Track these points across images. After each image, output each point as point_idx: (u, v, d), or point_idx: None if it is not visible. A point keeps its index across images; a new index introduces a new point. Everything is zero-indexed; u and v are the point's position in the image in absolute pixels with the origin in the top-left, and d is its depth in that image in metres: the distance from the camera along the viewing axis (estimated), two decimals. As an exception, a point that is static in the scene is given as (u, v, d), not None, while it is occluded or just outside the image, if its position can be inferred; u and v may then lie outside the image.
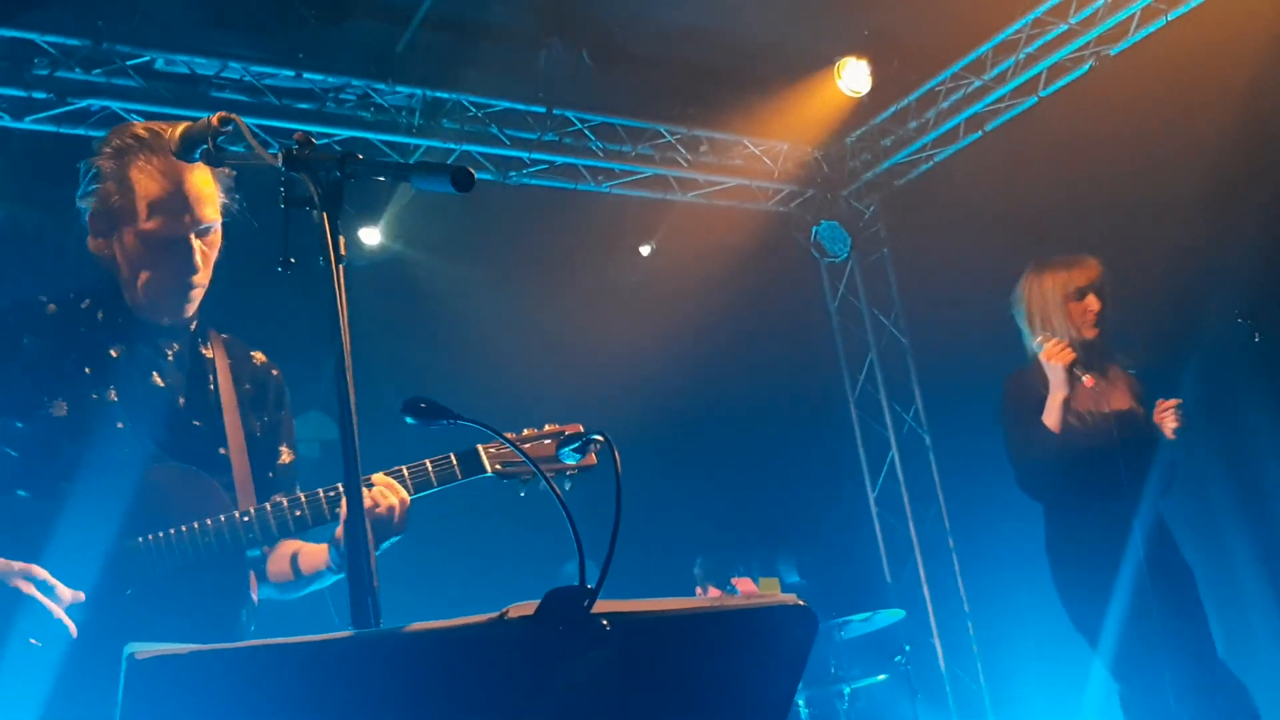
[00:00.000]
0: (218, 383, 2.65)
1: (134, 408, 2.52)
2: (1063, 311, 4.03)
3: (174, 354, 2.63)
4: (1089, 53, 7.32)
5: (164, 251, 2.50)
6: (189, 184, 2.49)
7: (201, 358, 2.68)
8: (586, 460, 2.61)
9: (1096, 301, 4.04)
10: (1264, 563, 6.43)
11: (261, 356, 2.80)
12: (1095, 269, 4.09)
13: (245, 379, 2.72)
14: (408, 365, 6.93)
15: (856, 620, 6.71)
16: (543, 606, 1.33)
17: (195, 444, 2.57)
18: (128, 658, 1.20)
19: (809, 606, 1.48)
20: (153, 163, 2.48)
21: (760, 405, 8.15)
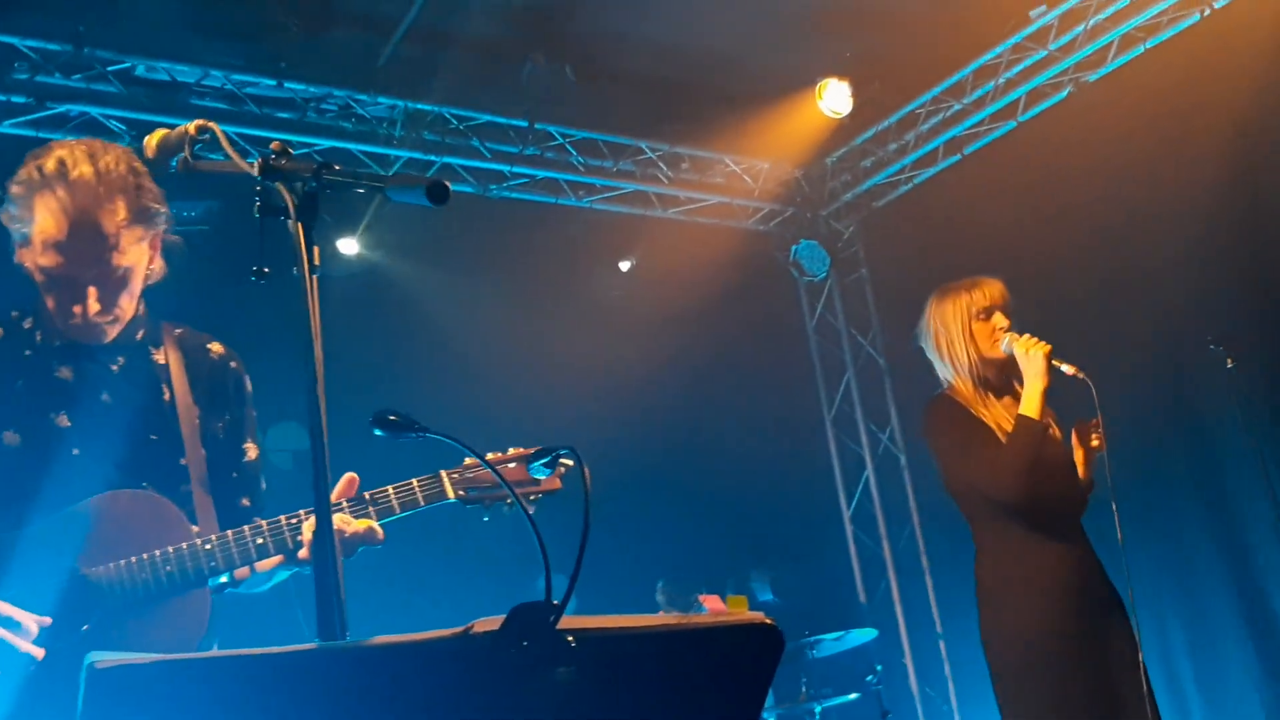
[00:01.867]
0: (173, 390, 2.59)
1: (87, 431, 2.47)
2: (968, 333, 3.96)
3: (121, 368, 2.57)
4: (1067, 79, 7.39)
5: (57, 288, 2.44)
6: (90, 225, 2.37)
7: (153, 366, 2.62)
8: (550, 483, 2.61)
9: (1004, 319, 3.98)
10: (1236, 590, 6.46)
11: (219, 347, 2.73)
12: (997, 287, 4.05)
13: (202, 377, 2.66)
14: (383, 377, 6.90)
15: (828, 639, 6.71)
16: (508, 622, 1.32)
17: (154, 459, 2.52)
18: (88, 666, 1.19)
19: (775, 625, 1.47)
20: (55, 199, 2.37)
21: (737, 423, 8.16)
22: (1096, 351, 6.79)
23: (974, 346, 3.97)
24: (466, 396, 6.88)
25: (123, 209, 2.42)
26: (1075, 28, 7.07)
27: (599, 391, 7.24)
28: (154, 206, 2.49)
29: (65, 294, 2.44)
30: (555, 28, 6.83)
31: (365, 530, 2.49)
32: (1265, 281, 6.35)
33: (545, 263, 8.17)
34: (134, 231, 2.45)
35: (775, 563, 8.36)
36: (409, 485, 2.59)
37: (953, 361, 4.01)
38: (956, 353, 3.99)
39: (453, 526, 2.97)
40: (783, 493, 8.28)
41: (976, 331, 3.97)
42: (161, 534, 2.41)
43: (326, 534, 1.74)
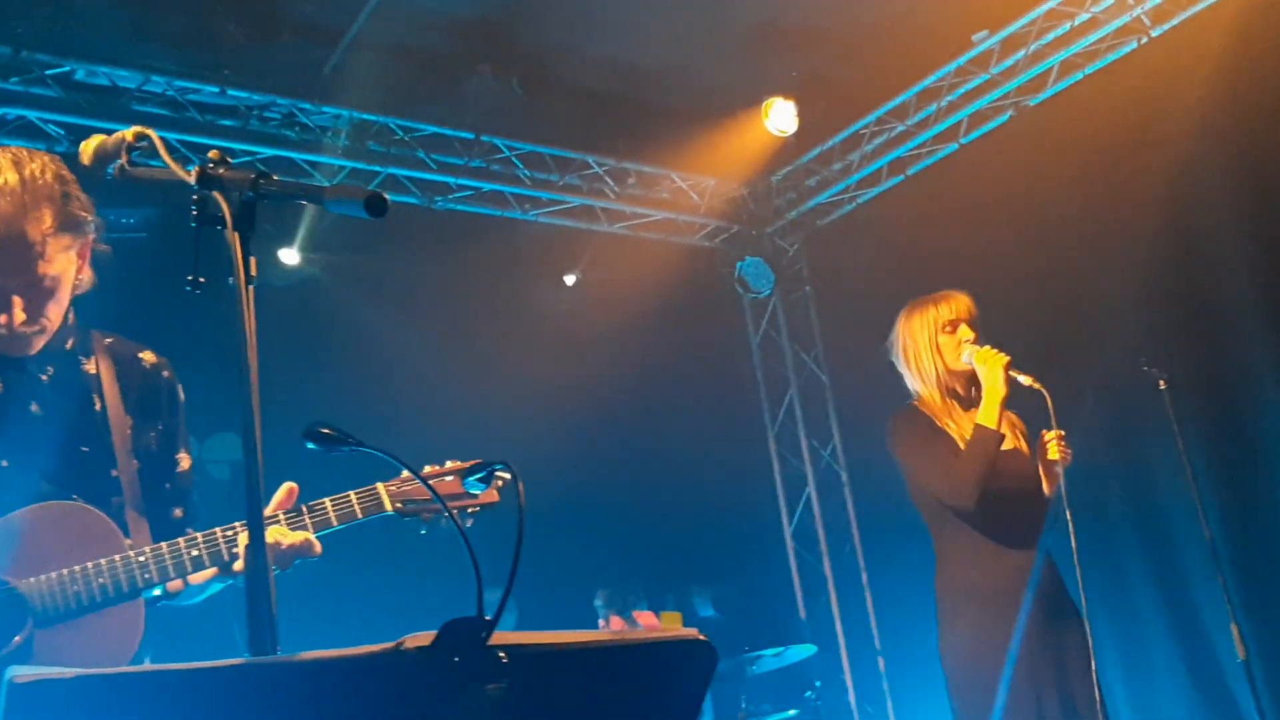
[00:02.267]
0: (104, 400, 2.54)
1: (15, 443, 2.42)
2: (933, 346, 4.03)
3: (51, 378, 2.51)
4: (1009, 103, 7.51)
5: None
6: (14, 234, 2.32)
7: (83, 376, 2.56)
8: (489, 496, 2.60)
9: (969, 331, 4.04)
10: (1168, 607, 6.57)
11: (151, 356, 2.68)
12: (963, 301, 4.12)
13: (134, 386, 2.61)
14: (323, 389, 6.83)
15: (768, 655, 6.72)
16: (440, 637, 1.31)
17: (85, 471, 2.47)
18: (7, 682, 1.16)
19: (709, 641, 1.48)
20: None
21: (680, 438, 8.18)
22: (1033, 370, 6.92)
23: (940, 358, 4.04)
24: (408, 409, 6.83)
25: (49, 217, 2.37)
26: (1016, 52, 7.19)
27: (542, 405, 7.23)
28: (82, 215, 2.44)
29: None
30: (503, 40, 6.83)
31: (301, 543, 2.47)
32: (1198, 304, 6.48)
33: (490, 276, 8.14)
34: (61, 240, 2.40)
35: (716, 578, 8.38)
36: (346, 498, 2.56)
37: (920, 373, 4.09)
38: (923, 365, 4.06)
39: (390, 540, 2.94)
40: (725, 509, 8.30)
41: (942, 344, 4.04)
42: (93, 546, 2.37)
43: (259, 546, 1.72)
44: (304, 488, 2.59)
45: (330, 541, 2.58)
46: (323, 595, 4.20)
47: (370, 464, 3.82)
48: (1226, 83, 6.26)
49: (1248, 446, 6.22)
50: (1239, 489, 6.19)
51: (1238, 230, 6.32)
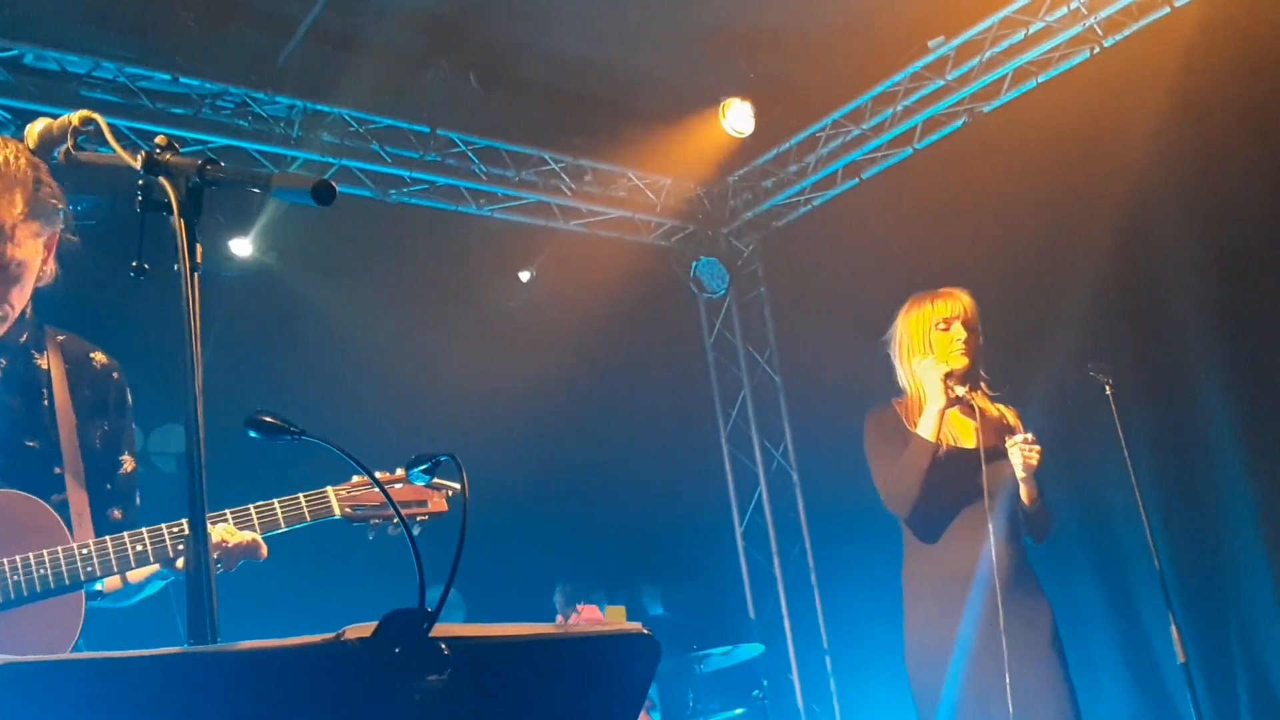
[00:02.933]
0: (53, 396, 2.52)
1: None
2: (927, 342, 4.03)
3: (2, 370, 2.50)
4: (963, 109, 7.58)
5: None
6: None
7: (35, 370, 2.54)
8: (437, 505, 2.62)
9: (963, 330, 4.04)
10: (1113, 614, 6.66)
11: (102, 357, 2.66)
12: (961, 299, 4.13)
13: (84, 385, 2.59)
14: (272, 381, 6.77)
15: (716, 654, 6.75)
16: (381, 628, 1.31)
17: (29, 465, 2.45)
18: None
19: (652, 635, 1.48)
20: None
21: (633, 437, 8.18)
22: (981, 372, 6.99)
23: (932, 355, 4.01)
24: (360, 404, 6.79)
25: (20, 202, 2.35)
26: (971, 59, 7.26)
27: (494, 402, 7.21)
28: (53, 203, 2.42)
29: None
30: (460, 35, 6.80)
31: (249, 543, 2.46)
32: (1146, 309, 6.57)
33: (443, 271, 8.11)
34: (30, 226, 2.38)
35: (667, 577, 8.39)
36: (295, 500, 2.56)
37: (910, 370, 4.07)
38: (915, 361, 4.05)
39: (332, 540, 2.92)
40: (676, 508, 8.32)
41: (935, 341, 4.03)
42: (36, 537, 2.34)
43: (201, 539, 1.70)
44: (243, 482, 2.57)
45: (274, 539, 2.56)
46: (264, 593, 4.15)
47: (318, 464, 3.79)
48: (1177, 93, 6.35)
49: (1192, 450, 6.31)
50: (1182, 492, 6.28)
51: (1186, 237, 6.42)
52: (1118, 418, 5.13)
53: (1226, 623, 6.20)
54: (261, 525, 2.50)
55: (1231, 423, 6.20)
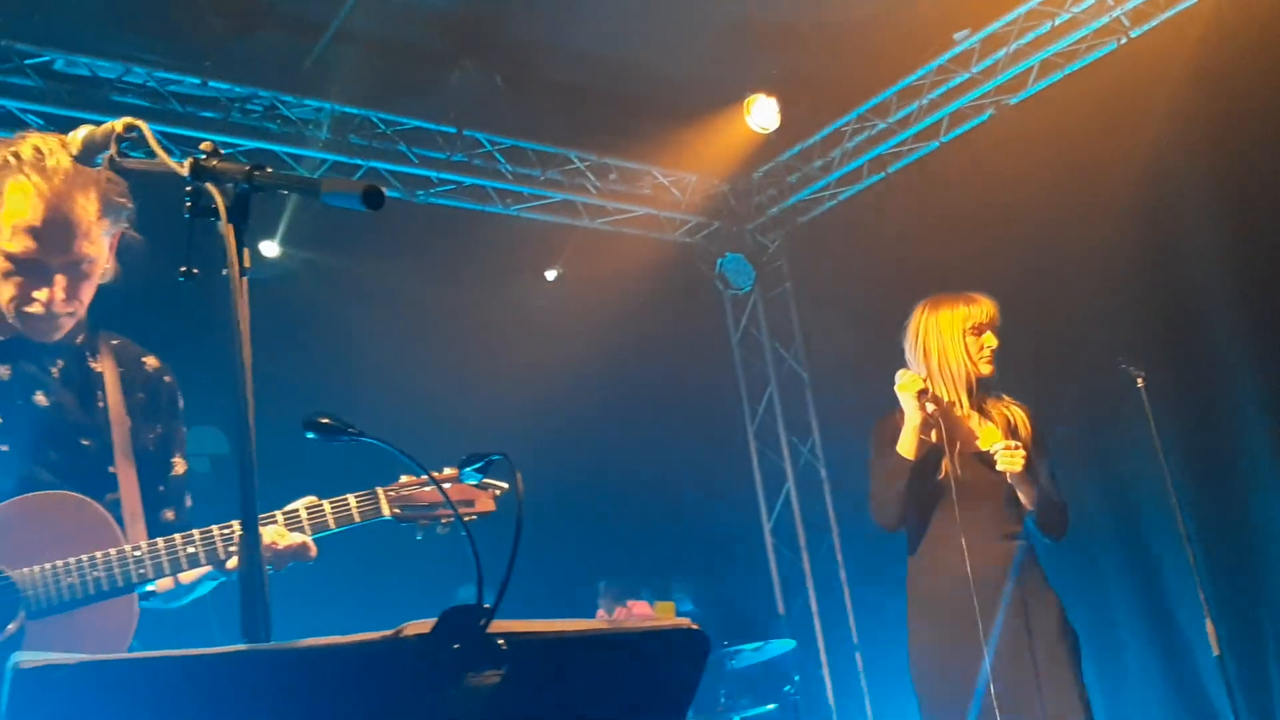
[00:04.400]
0: (106, 398, 2.56)
1: (17, 430, 2.43)
2: (960, 346, 4.04)
3: (60, 371, 2.54)
4: (989, 102, 7.55)
5: (22, 275, 2.40)
6: (64, 213, 2.37)
7: (89, 373, 2.59)
8: (485, 505, 2.62)
9: (995, 339, 4.07)
10: (1145, 608, 6.63)
11: (154, 361, 2.71)
12: (992, 307, 4.14)
13: (137, 388, 2.64)
14: (303, 384, 6.80)
15: (748, 650, 6.76)
16: (439, 624, 1.33)
17: (83, 464, 2.48)
18: (12, 667, 1.17)
19: (701, 630, 1.50)
20: (31, 184, 2.36)
21: (660, 435, 8.19)
22: (1013, 368, 6.96)
23: (968, 360, 4.05)
24: (388, 404, 6.80)
25: (95, 201, 2.42)
26: (997, 52, 7.23)
27: (521, 401, 7.22)
28: (122, 202, 2.49)
29: (30, 280, 2.41)
30: (485, 35, 6.82)
31: (299, 545, 2.48)
32: (1175, 302, 6.53)
33: (470, 270, 8.13)
34: (102, 224, 2.45)
35: (696, 573, 8.40)
36: (344, 501, 2.58)
37: (940, 371, 4.08)
38: (949, 363, 4.06)
39: (379, 543, 2.94)
40: (704, 504, 8.33)
41: (969, 345, 4.05)
42: (89, 538, 2.37)
43: (252, 539, 1.72)
44: (282, 483, 2.59)
45: (322, 543, 2.58)
46: (313, 596, 4.19)
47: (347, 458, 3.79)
48: (1205, 83, 6.31)
49: (1224, 444, 6.27)
50: (1215, 486, 6.24)
51: (1216, 229, 6.38)
52: (1150, 411, 5.12)
53: (1261, 617, 6.17)
54: (311, 527, 2.52)
55: (1266, 415, 6.16)
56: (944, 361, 4.07)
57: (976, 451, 4.04)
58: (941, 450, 3.97)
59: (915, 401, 3.93)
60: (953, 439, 4.00)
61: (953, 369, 4.07)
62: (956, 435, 4.03)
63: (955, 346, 4.06)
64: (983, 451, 4.02)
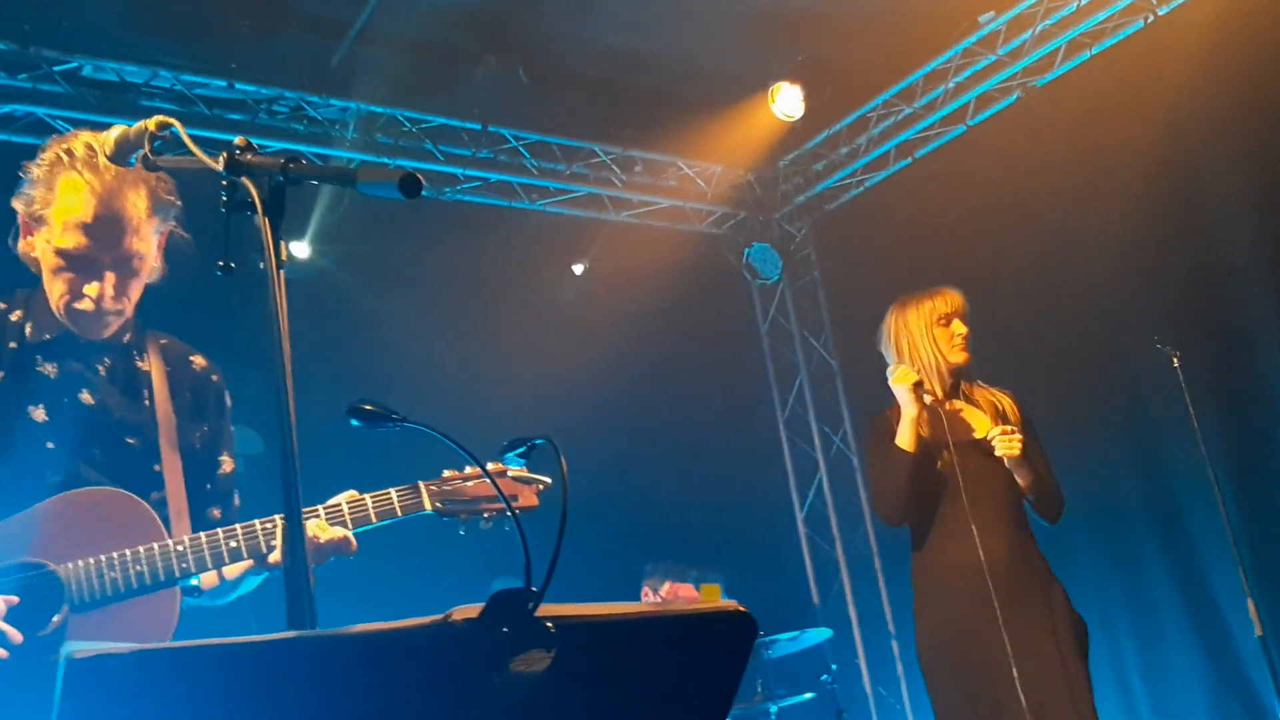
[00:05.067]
0: (153, 396, 2.58)
1: (63, 427, 2.46)
2: (929, 339, 4.12)
3: (106, 369, 2.57)
4: (1016, 84, 7.50)
5: (73, 271, 2.43)
6: (115, 210, 2.40)
7: (136, 371, 2.61)
8: (528, 500, 2.63)
9: (963, 325, 4.14)
10: (1182, 588, 6.57)
11: (202, 361, 2.74)
12: (957, 297, 4.22)
13: (184, 387, 2.66)
14: (335, 381, 6.82)
15: (784, 639, 6.74)
16: (488, 608, 1.33)
17: (129, 462, 2.51)
18: (65, 657, 1.18)
19: (749, 613, 1.49)
20: (83, 181, 2.39)
21: (690, 425, 8.18)
22: (1047, 351, 6.93)
23: (938, 350, 4.12)
24: (418, 402, 6.82)
25: (145, 198, 2.45)
26: (1023, 33, 7.18)
27: (552, 395, 7.22)
28: (170, 200, 2.51)
29: (81, 275, 2.44)
30: (508, 30, 6.83)
31: (340, 539, 2.49)
32: (1209, 280, 6.48)
33: (498, 266, 8.14)
34: (151, 222, 2.47)
35: (729, 564, 8.38)
36: (386, 495, 2.58)
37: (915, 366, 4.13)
38: (921, 357, 4.12)
39: (416, 537, 2.94)
40: (736, 495, 8.32)
41: (938, 337, 4.12)
42: (132, 533, 2.39)
43: (297, 532, 1.73)
44: (318, 479, 2.60)
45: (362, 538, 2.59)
46: (348, 589, 4.22)
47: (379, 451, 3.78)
48: (1234, 58, 6.25)
49: (1262, 421, 6.21)
50: (1254, 465, 6.18)
51: (1249, 205, 6.32)
52: (1186, 390, 5.08)
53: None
54: (353, 520, 2.52)
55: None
56: (915, 356, 4.14)
57: (974, 440, 4.08)
58: (941, 442, 4.01)
59: (911, 394, 3.99)
60: (949, 429, 4.04)
61: (924, 361, 4.13)
62: (953, 425, 4.07)
63: (924, 340, 4.13)
64: (980, 440, 4.06)
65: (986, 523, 3.94)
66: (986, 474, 4.02)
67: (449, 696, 1.36)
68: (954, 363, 4.11)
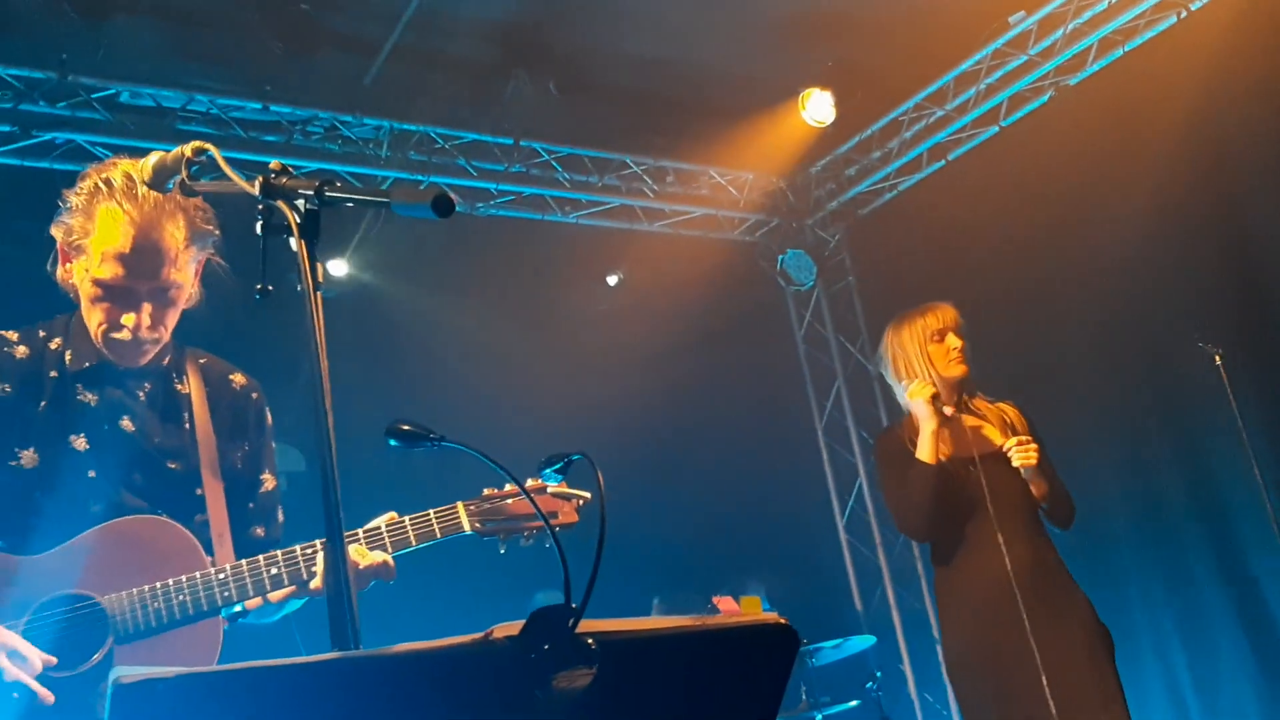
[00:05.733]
0: (193, 419, 2.59)
1: (104, 455, 2.47)
2: (924, 355, 4.14)
3: (146, 395, 2.58)
4: (1048, 83, 7.44)
5: (111, 300, 2.45)
6: (153, 240, 2.41)
7: (176, 395, 2.62)
8: (568, 516, 2.63)
9: (957, 339, 4.15)
10: (1229, 586, 6.49)
11: (241, 379, 2.74)
12: (950, 311, 4.24)
13: (223, 407, 2.67)
14: (374, 398, 6.86)
15: (827, 647, 6.72)
16: (528, 626, 1.33)
17: (170, 487, 2.52)
18: (113, 682, 1.19)
19: (790, 625, 1.49)
20: (122, 211, 2.40)
21: (728, 434, 8.17)
22: (1086, 353, 6.87)
23: (932, 367, 4.15)
24: (457, 415, 6.84)
25: (183, 228, 2.46)
26: (1054, 32, 7.13)
27: (588, 407, 7.23)
28: (208, 229, 2.52)
29: (119, 306, 2.45)
30: (538, 45, 6.86)
31: (379, 564, 2.49)
32: (1248, 277, 6.40)
33: (533, 280, 8.18)
34: (189, 252, 2.49)
35: (770, 573, 8.36)
36: (425, 517, 2.58)
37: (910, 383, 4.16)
38: (916, 374, 4.15)
39: (456, 555, 2.94)
40: (776, 503, 8.29)
41: (933, 353, 4.15)
42: (175, 561, 2.41)
43: (339, 553, 1.73)
44: (355, 498, 2.62)
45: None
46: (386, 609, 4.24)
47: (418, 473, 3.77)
48: (1268, 51, 6.17)
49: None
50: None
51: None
52: (1229, 387, 5.02)
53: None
54: (392, 544, 2.52)
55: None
56: (912, 375, 4.14)
57: (991, 451, 4.08)
58: (963, 455, 4.05)
59: (929, 406, 3.98)
60: (965, 441, 4.07)
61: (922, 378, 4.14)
62: (967, 438, 4.09)
63: (920, 357, 4.15)
64: (995, 450, 4.07)
65: (1010, 533, 3.96)
66: (1007, 485, 4.03)
67: (492, 714, 1.37)
68: (951, 377, 4.13)
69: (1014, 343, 6.54)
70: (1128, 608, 6.60)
